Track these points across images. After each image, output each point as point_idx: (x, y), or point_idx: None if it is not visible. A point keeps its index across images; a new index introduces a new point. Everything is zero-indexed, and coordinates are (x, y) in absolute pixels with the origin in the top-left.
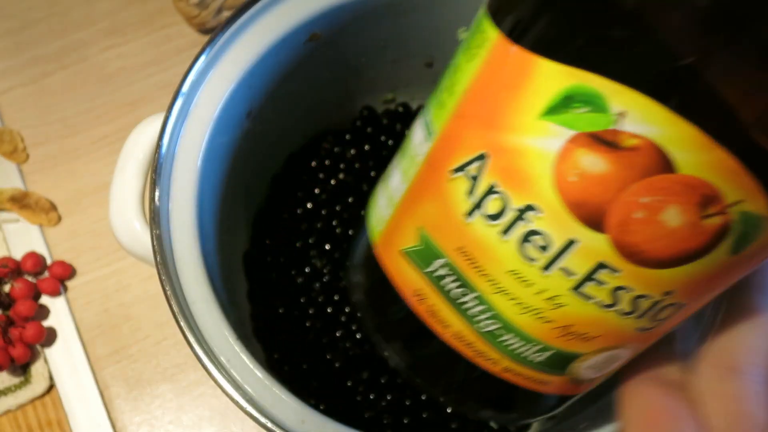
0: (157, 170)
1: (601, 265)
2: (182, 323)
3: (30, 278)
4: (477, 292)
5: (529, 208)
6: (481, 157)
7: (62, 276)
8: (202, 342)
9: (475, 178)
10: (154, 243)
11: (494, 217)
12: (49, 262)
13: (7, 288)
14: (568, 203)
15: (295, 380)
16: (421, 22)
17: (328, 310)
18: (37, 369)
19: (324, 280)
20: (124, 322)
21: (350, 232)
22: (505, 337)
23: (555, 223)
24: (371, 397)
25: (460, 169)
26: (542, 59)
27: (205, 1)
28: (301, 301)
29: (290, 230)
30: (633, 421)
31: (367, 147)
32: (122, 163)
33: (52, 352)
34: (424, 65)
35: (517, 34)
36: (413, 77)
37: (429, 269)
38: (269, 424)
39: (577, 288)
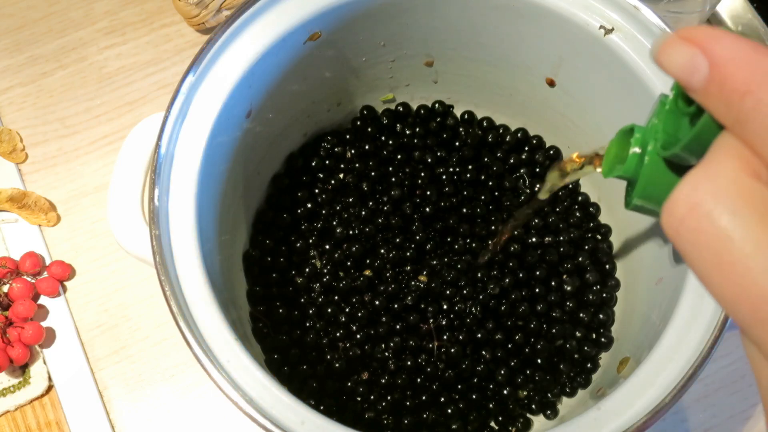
0: (157, 170)
1: None
2: (181, 324)
3: (29, 278)
4: None
5: None
6: None
7: (61, 276)
8: (202, 342)
9: None
10: (154, 243)
11: None
12: (48, 262)
13: (5, 288)
14: None
15: (294, 381)
16: (420, 21)
17: (328, 310)
18: (36, 370)
19: (324, 280)
20: (124, 323)
21: (350, 232)
22: None
23: None
24: (371, 397)
25: None
26: None
27: (205, 1)
28: (301, 301)
29: (290, 230)
30: None
31: (367, 147)
32: (121, 163)
33: (51, 353)
34: (423, 65)
35: None
36: (413, 77)
37: None
38: (269, 425)
39: None
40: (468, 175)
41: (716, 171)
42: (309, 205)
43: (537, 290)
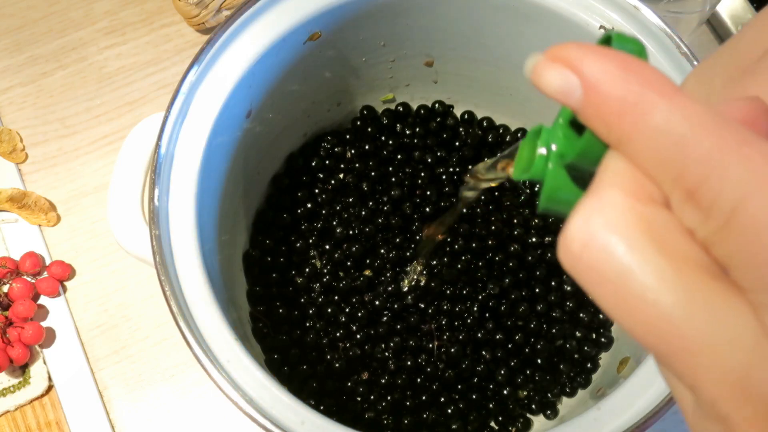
0: (157, 170)
1: None
2: (181, 324)
3: (29, 278)
4: None
5: None
6: None
7: (61, 276)
8: (202, 342)
9: None
10: (154, 243)
11: None
12: (48, 262)
13: (5, 288)
14: None
15: (294, 381)
16: (420, 21)
17: (328, 310)
18: (36, 370)
19: (324, 280)
20: (124, 323)
21: (350, 232)
22: None
23: None
24: (371, 397)
25: None
26: None
27: (205, 1)
28: (301, 301)
29: (290, 230)
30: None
31: (367, 147)
32: (121, 163)
33: (51, 353)
34: (423, 65)
35: None
36: (413, 77)
37: None
38: (269, 425)
39: None
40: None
41: (606, 200)
42: (309, 205)
43: (537, 290)
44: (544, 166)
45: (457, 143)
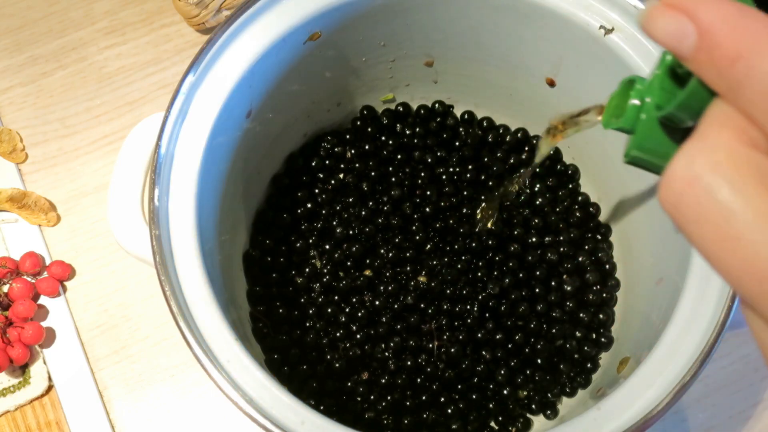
0: (157, 170)
1: None
2: (181, 324)
3: (29, 278)
4: None
5: None
6: None
7: (61, 276)
8: (202, 342)
9: None
10: (154, 243)
11: None
12: (48, 262)
13: (5, 288)
14: None
15: (294, 381)
16: (420, 21)
17: (328, 310)
18: (36, 370)
19: (324, 280)
20: (124, 323)
21: (350, 232)
22: None
23: None
24: (371, 397)
25: None
26: None
27: (205, 1)
28: (301, 301)
29: (290, 230)
30: None
31: (367, 147)
32: (121, 163)
33: (51, 353)
34: (423, 65)
35: None
36: (413, 77)
37: None
38: (269, 425)
39: None
40: (468, 175)
41: (712, 143)
42: (309, 205)
43: (537, 290)
44: (636, 116)
45: (457, 143)
